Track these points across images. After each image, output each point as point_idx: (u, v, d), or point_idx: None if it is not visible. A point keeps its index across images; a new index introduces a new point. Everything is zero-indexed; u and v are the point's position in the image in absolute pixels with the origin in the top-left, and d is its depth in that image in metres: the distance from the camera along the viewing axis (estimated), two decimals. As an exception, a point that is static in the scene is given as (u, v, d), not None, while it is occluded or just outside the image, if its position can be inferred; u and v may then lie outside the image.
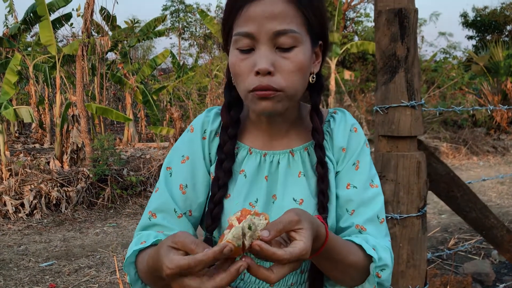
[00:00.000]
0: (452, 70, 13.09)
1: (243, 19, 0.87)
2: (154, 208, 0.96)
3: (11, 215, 5.29)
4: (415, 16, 1.67)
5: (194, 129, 1.01)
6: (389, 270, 0.91)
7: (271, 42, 0.86)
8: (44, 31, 7.76)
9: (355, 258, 0.87)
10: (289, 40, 0.86)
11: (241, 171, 0.98)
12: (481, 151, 9.91)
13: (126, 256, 0.89)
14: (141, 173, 6.48)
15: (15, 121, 8.99)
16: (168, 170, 0.99)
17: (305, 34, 0.89)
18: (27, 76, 10.65)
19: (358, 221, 0.94)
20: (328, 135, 1.00)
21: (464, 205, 2.01)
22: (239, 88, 0.91)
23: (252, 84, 0.86)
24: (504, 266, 3.80)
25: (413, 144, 1.71)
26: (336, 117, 1.01)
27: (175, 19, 25.43)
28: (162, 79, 14.80)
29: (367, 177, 0.97)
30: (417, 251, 1.70)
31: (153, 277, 0.81)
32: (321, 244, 0.79)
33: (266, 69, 0.84)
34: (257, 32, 0.85)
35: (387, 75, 1.69)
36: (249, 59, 0.87)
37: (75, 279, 3.68)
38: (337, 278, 0.90)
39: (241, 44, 0.87)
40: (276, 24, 0.85)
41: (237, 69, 0.89)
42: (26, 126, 12.37)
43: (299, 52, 0.87)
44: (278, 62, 0.86)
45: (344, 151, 0.98)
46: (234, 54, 0.89)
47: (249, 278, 0.98)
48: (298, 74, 0.88)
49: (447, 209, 5.52)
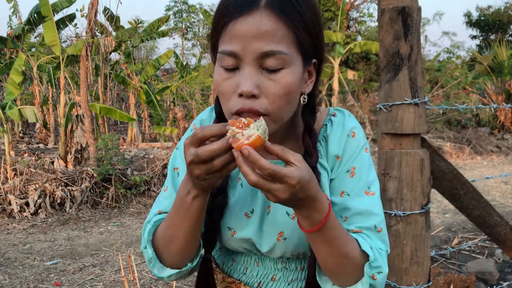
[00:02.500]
0: (456, 69, 13.06)
1: (228, 36, 0.81)
2: (164, 208, 0.97)
3: (16, 214, 5.32)
4: (418, 14, 1.68)
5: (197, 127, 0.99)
6: (384, 274, 0.87)
7: (257, 63, 0.80)
8: (48, 31, 7.80)
9: (352, 250, 0.84)
10: (277, 62, 0.80)
11: (239, 179, 0.97)
12: (485, 150, 9.89)
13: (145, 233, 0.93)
14: (145, 173, 6.51)
15: (19, 121, 9.04)
16: (175, 171, 0.99)
17: (296, 53, 0.82)
18: (31, 76, 10.71)
19: (353, 227, 0.90)
20: (324, 141, 0.95)
21: (467, 203, 2.01)
22: (224, 108, 0.87)
23: (235, 106, 0.81)
24: (508, 265, 3.80)
25: (416, 142, 1.72)
26: (334, 121, 0.96)
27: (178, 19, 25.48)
28: (166, 79, 14.83)
29: (363, 184, 0.92)
30: (421, 248, 1.71)
31: (177, 224, 0.86)
32: (323, 217, 0.78)
33: (249, 92, 0.79)
34: (242, 51, 0.79)
35: (390, 73, 1.69)
36: (233, 78, 0.82)
37: (80, 277, 3.70)
38: (332, 271, 0.86)
39: (225, 62, 0.82)
40: (263, 45, 0.79)
41: (221, 88, 0.84)
42: (30, 126, 12.43)
43: (288, 74, 0.81)
44: (264, 84, 0.80)
45: (339, 159, 0.94)
46: (218, 72, 0.84)
47: (251, 272, 1.00)
48: (286, 97, 0.82)
49: (450, 208, 5.52)
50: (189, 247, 0.90)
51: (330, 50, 12.47)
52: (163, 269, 0.93)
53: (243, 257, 1.01)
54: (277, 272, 0.98)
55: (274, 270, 0.98)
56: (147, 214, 6.21)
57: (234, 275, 1.01)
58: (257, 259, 0.99)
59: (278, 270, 0.98)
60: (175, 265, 0.93)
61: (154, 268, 0.94)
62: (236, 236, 0.95)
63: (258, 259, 0.99)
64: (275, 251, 0.94)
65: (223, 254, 1.05)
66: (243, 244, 0.96)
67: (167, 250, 0.91)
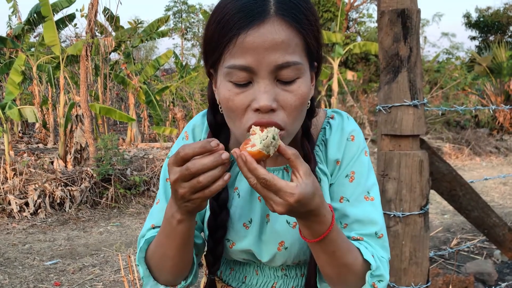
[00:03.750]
0: (455, 70, 13.09)
1: (238, 50, 0.75)
2: (157, 222, 0.93)
3: (15, 214, 5.33)
4: (417, 16, 1.69)
5: (189, 137, 0.96)
6: (385, 283, 0.86)
7: (272, 75, 0.76)
8: (48, 31, 7.81)
9: (353, 259, 0.83)
10: (292, 73, 0.76)
11: (235, 189, 0.93)
12: (484, 151, 9.91)
13: (138, 250, 0.89)
14: (145, 173, 6.51)
15: (19, 121, 9.04)
16: (167, 182, 0.94)
17: (306, 61, 0.80)
18: (31, 76, 10.71)
19: (354, 235, 0.89)
20: (323, 145, 0.93)
21: (466, 204, 2.02)
22: (233, 125, 0.82)
23: (251, 120, 0.77)
24: (506, 266, 3.81)
25: (415, 143, 1.73)
26: (333, 125, 0.93)
27: (178, 19, 25.48)
28: (165, 80, 14.84)
29: (363, 189, 0.90)
30: (420, 249, 1.72)
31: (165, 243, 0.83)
32: (326, 229, 0.76)
33: (268, 107, 0.75)
34: (256, 65, 0.75)
35: (390, 75, 1.71)
36: (246, 93, 0.77)
37: (79, 277, 3.71)
38: (333, 279, 0.85)
39: (236, 77, 0.77)
40: (279, 56, 0.75)
41: (231, 104, 0.78)
42: (30, 126, 12.43)
43: (302, 84, 0.78)
44: (281, 97, 0.77)
45: (339, 164, 0.91)
46: (227, 87, 0.78)
47: (251, 281, 0.98)
48: (301, 108, 0.80)
49: (449, 210, 5.53)
50: (181, 266, 0.88)
51: (330, 51, 12.49)
52: (156, 286, 0.90)
53: (242, 266, 0.98)
54: (277, 280, 0.96)
55: (274, 278, 0.96)
56: (147, 214, 6.23)
57: (233, 284, 0.99)
58: (256, 267, 0.97)
59: (278, 278, 0.96)
60: (169, 283, 0.90)
61: (147, 286, 0.90)
62: (235, 247, 0.92)
63: (257, 267, 0.97)
64: (276, 260, 0.92)
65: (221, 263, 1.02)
66: (242, 255, 0.94)
67: (160, 268, 0.88)
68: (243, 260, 0.96)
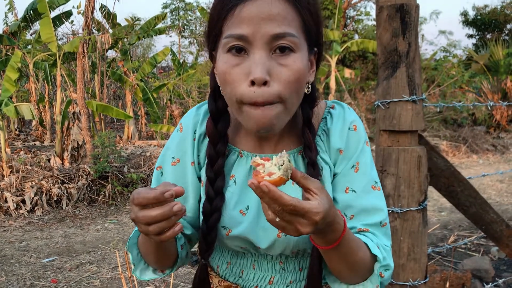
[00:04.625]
0: (452, 68, 13.10)
1: (236, 20, 0.77)
2: None
3: (12, 211, 5.31)
4: (416, 11, 1.68)
5: (184, 129, 0.96)
6: (391, 271, 0.89)
7: (267, 46, 0.77)
8: (44, 28, 7.77)
9: (363, 255, 0.84)
10: (287, 45, 0.78)
11: (232, 177, 0.93)
12: (481, 149, 9.94)
13: (130, 236, 0.92)
14: (142, 170, 6.50)
15: (15, 118, 9.00)
16: (158, 170, 0.97)
17: (303, 39, 0.81)
18: (27, 73, 10.65)
19: (360, 226, 0.90)
20: (324, 135, 0.93)
21: (464, 200, 2.02)
22: (228, 97, 0.83)
23: (246, 96, 0.78)
24: (503, 262, 3.82)
25: (414, 139, 1.72)
26: (334, 114, 0.93)
27: (175, 17, 25.42)
28: (162, 77, 14.80)
29: (368, 180, 0.91)
30: (418, 245, 1.72)
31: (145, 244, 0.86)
32: (338, 236, 0.77)
33: (262, 79, 0.76)
34: (252, 34, 0.76)
35: (388, 70, 1.70)
36: (242, 65, 0.78)
37: (76, 274, 3.70)
38: (342, 274, 0.87)
39: (233, 48, 0.79)
40: (274, 26, 0.76)
41: (228, 76, 0.80)
42: (26, 124, 12.38)
43: (297, 59, 0.79)
44: (275, 70, 0.78)
45: (342, 153, 0.91)
46: (224, 59, 0.80)
47: (248, 276, 0.96)
48: (296, 83, 0.80)
49: (447, 207, 5.54)
50: (163, 262, 0.92)
51: (327, 49, 12.47)
52: (147, 269, 0.95)
53: (239, 260, 0.97)
54: (275, 274, 0.95)
55: (271, 272, 0.95)
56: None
57: (230, 279, 0.98)
58: (253, 261, 0.96)
59: (276, 272, 0.95)
60: (157, 268, 0.95)
61: (137, 269, 0.94)
62: (231, 234, 0.91)
63: (254, 261, 0.96)
64: (275, 248, 0.91)
65: (217, 257, 1.02)
66: (239, 242, 0.92)
67: (146, 259, 0.93)
68: (240, 250, 0.94)
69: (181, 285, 3.46)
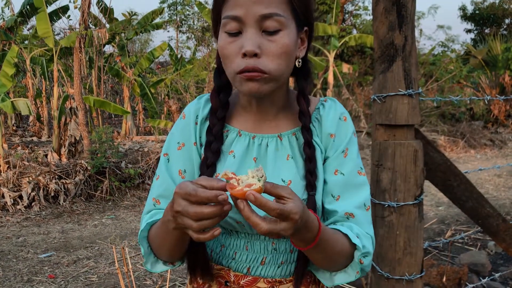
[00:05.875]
0: (450, 63, 13.10)
1: (231, 3, 0.90)
2: (157, 194, 1.01)
3: (9, 207, 5.30)
4: (412, 5, 1.67)
5: (186, 115, 1.04)
6: (370, 257, 0.95)
7: (258, 25, 0.89)
8: (41, 23, 7.72)
9: (342, 247, 0.91)
10: (275, 24, 0.89)
11: (230, 152, 1.00)
12: (479, 144, 9.95)
13: (140, 230, 0.97)
14: (139, 166, 6.49)
15: (12, 113, 8.97)
16: (165, 157, 1.03)
17: (291, 18, 0.92)
18: (24, 69, 10.61)
19: (347, 208, 0.96)
20: (317, 122, 1.02)
21: (460, 194, 2.02)
22: (227, 70, 0.94)
23: (239, 66, 0.89)
24: (500, 257, 3.83)
25: (410, 133, 1.72)
26: (326, 105, 1.04)
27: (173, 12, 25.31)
28: (160, 72, 14.75)
29: (355, 165, 1.00)
30: (414, 239, 1.72)
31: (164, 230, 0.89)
32: (314, 235, 0.84)
33: (252, 51, 0.87)
34: (244, 15, 0.88)
35: (384, 64, 1.69)
36: (237, 41, 0.90)
37: (74, 270, 3.69)
38: (323, 265, 0.95)
39: (229, 27, 0.90)
40: (262, 8, 0.88)
41: (225, 51, 0.92)
42: (24, 120, 12.34)
43: (284, 35, 0.90)
44: (264, 45, 0.89)
45: (333, 137, 1.00)
46: (223, 37, 0.92)
47: (240, 257, 1.00)
48: (283, 56, 0.90)
49: (444, 201, 5.55)
50: (177, 254, 0.97)
51: (325, 44, 12.44)
52: (157, 262, 1.00)
53: (232, 241, 1.01)
54: (267, 254, 0.99)
55: (264, 252, 0.99)
56: (142, 207, 6.21)
57: (223, 262, 1.01)
58: (247, 243, 1.00)
59: (268, 253, 0.99)
60: (168, 261, 1.00)
61: (148, 262, 1.00)
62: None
63: (247, 243, 1.00)
64: None
65: (211, 241, 1.05)
66: (234, 215, 0.96)
67: (158, 252, 0.98)
68: (236, 225, 0.98)
69: (179, 280, 3.46)
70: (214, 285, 1.02)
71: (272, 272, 0.99)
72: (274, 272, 0.99)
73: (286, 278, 0.99)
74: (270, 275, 0.99)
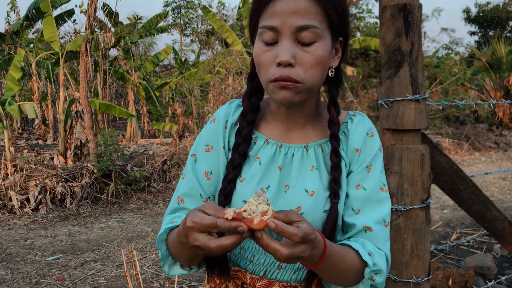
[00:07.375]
0: (455, 66, 13.06)
1: (268, 13, 0.92)
2: (182, 193, 1.03)
3: (16, 210, 5.34)
4: (419, 11, 1.69)
5: (216, 119, 1.06)
6: (383, 275, 0.95)
7: (293, 36, 0.90)
8: (47, 27, 7.79)
9: (352, 262, 0.92)
10: (310, 35, 0.90)
11: (257, 158, 1.02)
12: (483, 147, 9.93)
13: (159, 233, 0.98)
14: (145, 169, 6.53)
15: (19, 117, 9.03)
16: (193, 157, 1.06)
17: (326, 30, 0.93)
18: (30, 72, 10.68)
19: (366, 222, 0.97)
20: (344, 136, 1.03)
21: (467, 197, 2.03)
22: (261, 78, 0.96)
23: (274, 74, 0.91)
24: (506, 260, 3.83)
25: (417, 137, 1.74)
26: (354, 119, 1.04)
27: (177, 15, 25.38)
28: (164, 75, 14.81)
29: (378, 181, 1.00)
30: (421, 242, 1.73)
31: (181, 246, 0.90)
32: (322, 251, 0.84)
33: (287, 61, 0.89)
34: (280, 26, 0.90)
35: (391, 70, 1.71)
36: (272, 51, 0.92)
37: (81, 272, 3.72)
38: (334, 281, 0.95)
39: (266, 36, 0.92)
40: (299, 19, 0.90)
41: (260, 60, 0.94)
42: (29, 123, 12.42)
43: (319, 47, 0.91)
44: (299, 55, 0.91)
45: (358, 152, 1.01)
46: (259, 45, 0.94)
47: (258, 260, 1.00)
48: (317, 67, 0.92)
49: (449, 204, 5.55)
50: (195, 261, 0.98)
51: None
52: (175, 265, 1.01)
53: (252, 244, 1.01)
54: None
55: None
56: (148, 210, 6.20)
57: (240, 264, 1.02)
58: None
59: None
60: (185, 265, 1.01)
61: (166, 265, 1.01)
62: None
63: None
64: None
65: None
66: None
67: (176, 257, 0.99)
68: None
69: (185, 282, 3.48)
70: (231, 286, 1.03)
71: (288, 276, 1.00)
72: (289, 276, 0.99)
73: (302, 284, 1.00)
74: (286, 280, 1.00)
